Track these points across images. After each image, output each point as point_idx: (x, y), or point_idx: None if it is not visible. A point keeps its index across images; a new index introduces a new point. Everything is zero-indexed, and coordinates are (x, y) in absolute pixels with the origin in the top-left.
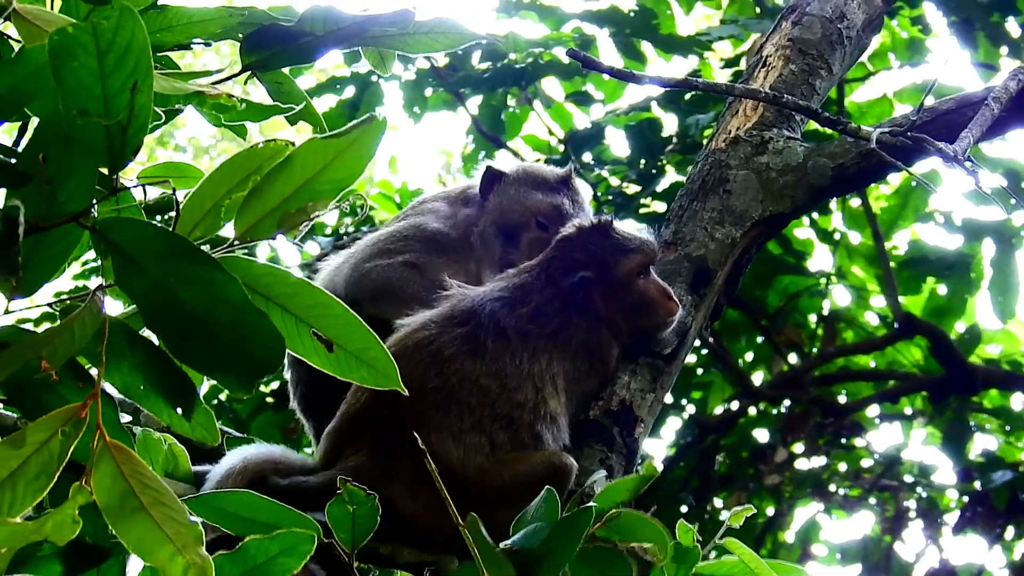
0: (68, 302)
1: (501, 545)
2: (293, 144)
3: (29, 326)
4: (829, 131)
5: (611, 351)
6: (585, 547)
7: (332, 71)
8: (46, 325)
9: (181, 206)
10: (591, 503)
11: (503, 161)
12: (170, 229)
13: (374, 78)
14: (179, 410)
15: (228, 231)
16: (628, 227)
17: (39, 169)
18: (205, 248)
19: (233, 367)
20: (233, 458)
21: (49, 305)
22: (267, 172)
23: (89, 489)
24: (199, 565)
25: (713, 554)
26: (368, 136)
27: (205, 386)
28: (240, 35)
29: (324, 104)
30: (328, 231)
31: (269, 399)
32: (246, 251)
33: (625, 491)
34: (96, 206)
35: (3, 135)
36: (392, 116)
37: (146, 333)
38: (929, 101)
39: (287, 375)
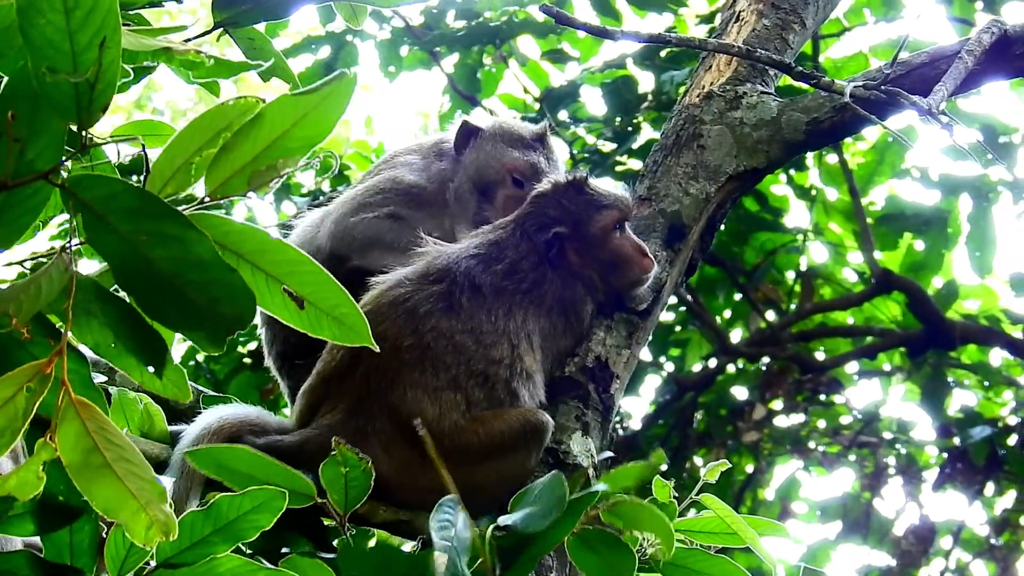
0: (39, 260)
1: (499, 521)
2: (264, 101)
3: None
4: (803, 86)
5: (585, 307)
6: (586, 529)
7: (307, 33)
8: None
9: (152, 164)
10: (595, 487)
11: (478, 116)
12: (141, 187)
13: (349, 38)
14: (151, 368)
15: (199, 190)
16: (604, 184)
17: (7, 127)
18: (176, 206)
19: (204, 324)
20: (209, 417)
21: (20, 264)
22: (237, 129)
23: (54, 445)
24: (162, 521)
25: (692, 512)
26: (339, 92)
27: (183, 347)
28: None
29: (300, 64)
30: (304, 191)
31: (247, 360)
32: (223, 211)
33: (631, 478)
34: (67, 164)
35: None
36: (367, 77)
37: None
38: (903, 55)
39: (261, 333)
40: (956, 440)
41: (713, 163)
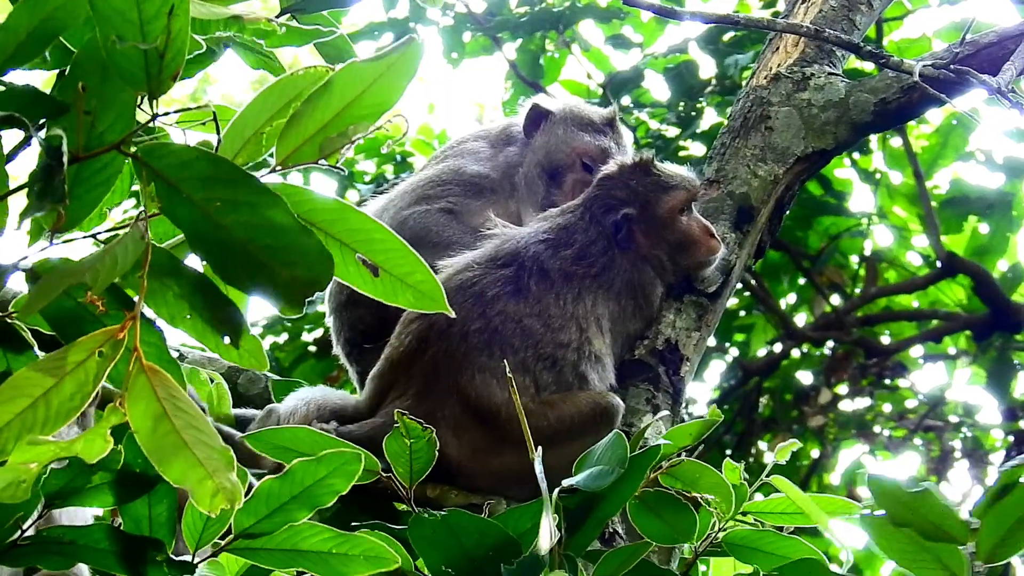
0: (112, 233)
1: (564, 483)
2: (332, 69)
3: None
4: (869, 68)
5: (655, 290)
6: (646, 491)
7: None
8: None
9: (223, 134)
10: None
11: (548, 99)
12: (213, 153)
13: (412, 24)
14: (226, 338)
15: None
16: (670, 167)
17: (77, 99)
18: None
19: (280, 288)
20: (302, 395)
21: (94, 236)
22: (307, 97)
23: (123, 411)
24: (228, 489)
25: (759, 496)
26: (406, 58)
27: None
28: None
29: (362, 52)
30: (368, 178)
31: (311, 347)
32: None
33: (688, 435)
34: (136, 136)
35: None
36: (424, 67)
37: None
38: (971, 36)
39: (329, 322)
40: (1022, 423)
41: (781, 145)
